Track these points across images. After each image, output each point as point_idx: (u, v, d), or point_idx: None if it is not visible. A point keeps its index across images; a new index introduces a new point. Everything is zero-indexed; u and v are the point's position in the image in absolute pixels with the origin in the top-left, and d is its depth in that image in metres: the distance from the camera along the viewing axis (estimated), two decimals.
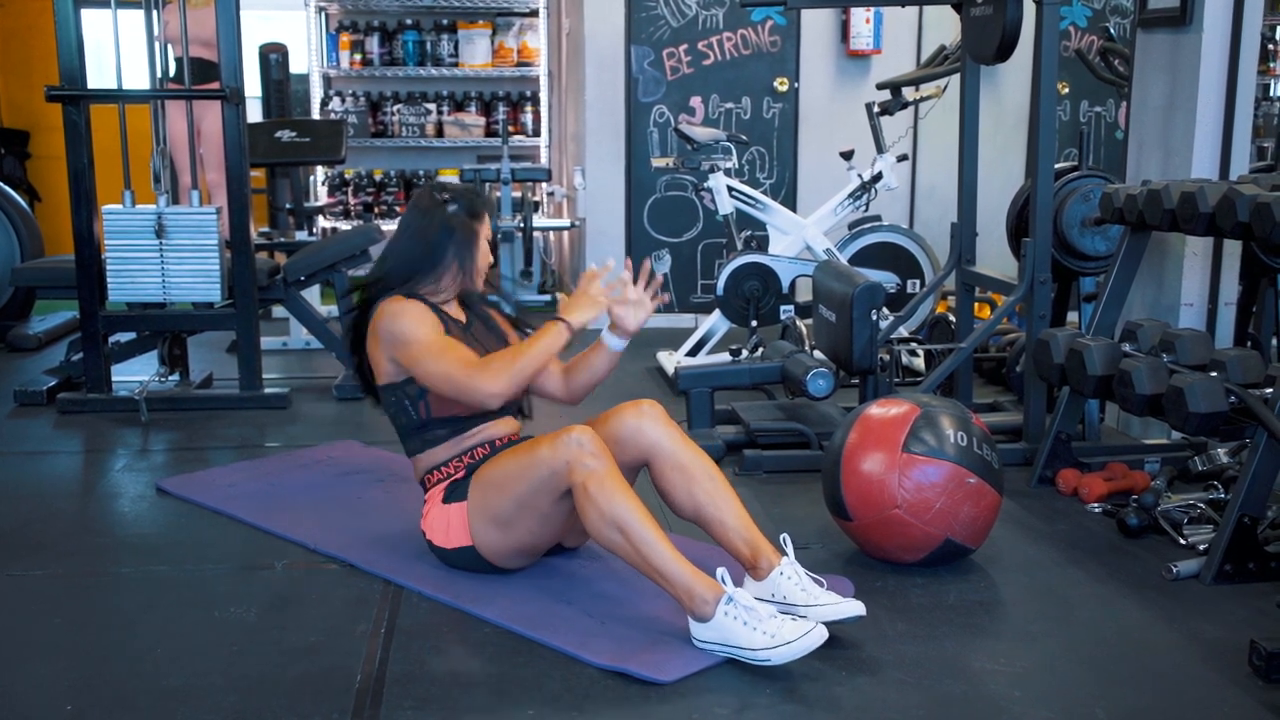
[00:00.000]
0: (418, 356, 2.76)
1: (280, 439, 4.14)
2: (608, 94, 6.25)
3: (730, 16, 6.22)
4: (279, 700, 2.27)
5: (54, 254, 5.94)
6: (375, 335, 2.84)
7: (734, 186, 5.17)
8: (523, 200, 6.21)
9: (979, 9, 3.88)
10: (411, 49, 7.74)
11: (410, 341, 2.77)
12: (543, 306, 6.79)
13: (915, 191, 6.58)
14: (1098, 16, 6.45)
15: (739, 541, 2.65)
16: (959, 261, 4.27)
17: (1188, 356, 3.10)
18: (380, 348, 2.83)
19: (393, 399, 2.87)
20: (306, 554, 3.04)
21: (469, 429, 2.86)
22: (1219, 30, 3.67)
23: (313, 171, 7.56)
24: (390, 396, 2.87)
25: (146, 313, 4.59)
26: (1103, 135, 6.59)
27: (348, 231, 5.37)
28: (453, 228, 2.88)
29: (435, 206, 2.90)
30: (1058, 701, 2.29)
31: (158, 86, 4.62)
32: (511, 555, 2.79)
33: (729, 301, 5.04)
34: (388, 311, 2.82)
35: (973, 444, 2.87)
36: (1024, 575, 2.94)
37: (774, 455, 3.79)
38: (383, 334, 2.81)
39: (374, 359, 2.88)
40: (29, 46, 8.45)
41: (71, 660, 2.47)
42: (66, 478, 3.88)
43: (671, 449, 2.73)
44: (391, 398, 2.87)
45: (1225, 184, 3.18)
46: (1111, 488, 3.45)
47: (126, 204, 4.47)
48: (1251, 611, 2.68)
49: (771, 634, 2.35)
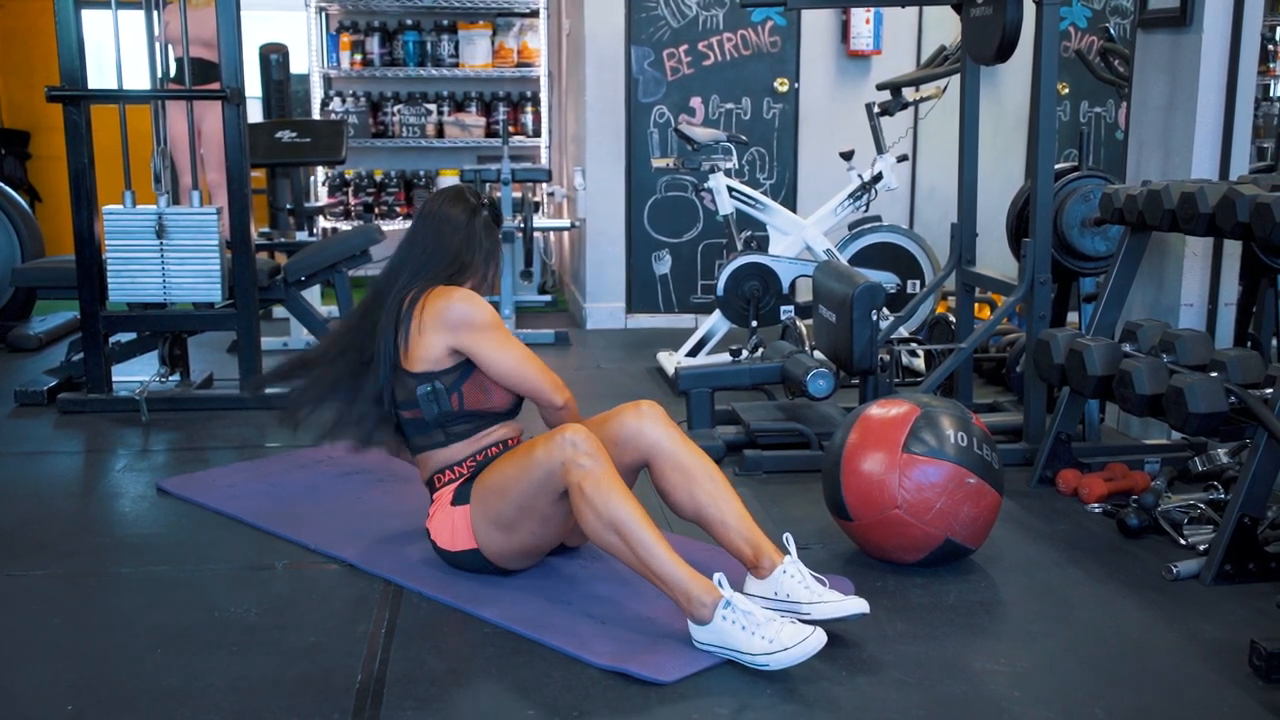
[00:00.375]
0: (495, 340, 2.79)
1: (280, 439, 4.14)
2: (608, 94, 6.25)
3: (730, 17, 6.22)
4: (279, 700, 2.27)
5: (54, 254, 5.95)
6: (437, 318, 2.78)
7: (734, 187, 5.17)
8: (523, 201, 6.20)
9: (979, 9, 3.88)
10: (412, 49, 7.75)
11: (487, 326, 2.79)
12: (542, 307, 6.80)
13: (915, 192, 6.58)
14: (1098, 17, 6.46)
15: (741, 541, 2.65)
16: (959, 262, 4.27)
17: (1188, 357, 3.10)
18: (438, 331, 2.77)
19: (426, 388, 2.79)
20: (307, 554, 3.04)
21: (488, 427, 2.87)
22: (1219, 31, 3.67)
23: (313, 172, 7.57)
24: (422, 385, 2.80)
25: (147, 313, 4.59)
26: (1102, 135, 6.59)
27: (348, 232, 5.37)
28: (485, 233, 2.93)
29: (473, 209, 2.92)
30: (1057, 701, 2.29)
31: (158, 87, 4.62)
32: (516, 557, 2.79)
33: (729, 302, 5.04)
34: (460, 296, 2.80)
35: (973, 444, 2.87)
36: (1024, 575, 2.94)
37: (774, 455, 3.79)
38: (450, 316, 2.77)
39: (420, 344, 2.79)
40: (29, 47, 8.45)
41: (72, 660, 2.47)
42: (67, 478, 3.88)
43: (672, 450, 2.72)
44: (425, 387, 2.79)
45: (1225, 184, 3.18)
46: (1111, 488, 3.45)
47: (127, 204, 4.47)
48: (1251, 612, 2.68)
49: (770, 639, 2.35)
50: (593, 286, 6.41)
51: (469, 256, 2.90)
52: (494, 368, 2.81)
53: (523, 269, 6.18)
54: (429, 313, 2.79)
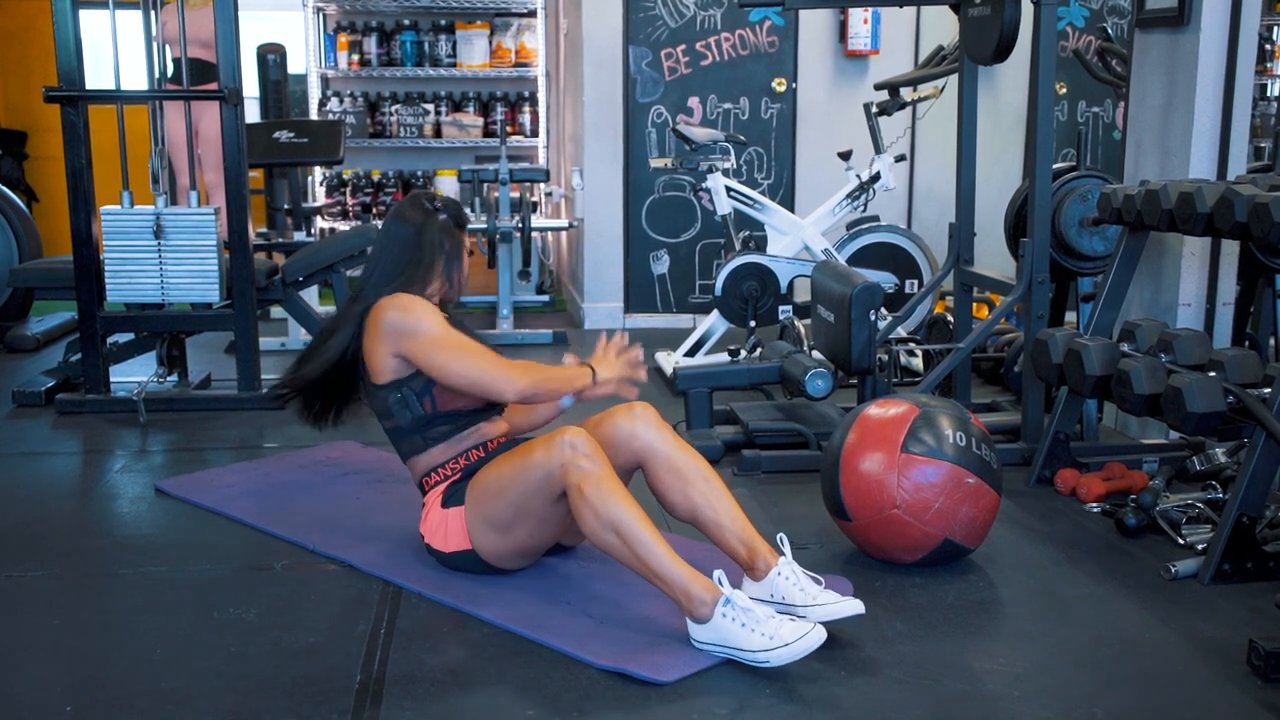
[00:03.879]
0: (432, 347, 2.76)
1: (279, 440, 4.14)
2: (606, 94, 6.25)
3: (728, 17, 6.22)
4: (278, 701, 2.27)
5: (52, 255, 5.95)
6: (377, 330, 2.80)
7: (732, 187, 5.18)
8: (521, 200, 6.21)
9: (977, 9, 3.89)
10: (409, 49, 7.75)
11: (424, 333, 2.77)
12: (540, 307, 6.80)
13: (913, 192, 6.59)
14: (1095, 17, 6.46)
15: (736, 542, 2.65)
16: (957, 261, 4.27)
17: (1186, 356, 3.11)
18: (383, 342, 2.80)
19: (396, 396, 2.83)
20: (305, 555, 3.04)
21: (468, 427, 2.87)
22: (1216, 30, 3.67)
23: (311, 172, 7.57)
24: (393, 395, 2.84)
25: (145, 313, 4.59)
26: (1100, 135, 6.59)
27: (346, 232, 5.37)
28: (444, 236, 2.92)
29: (428, 214, 2.91)
30: (1056, 701, 2.29)
31: (156, 87, 4.61)
32: (511, 557, 2.79)
33: (727, 302, 5.04)
34: (394, 305, 2.81)
35: (971, 444, 2.88)
36: (1022, 575, 2.94)
37: (772, 455, 3.79)
38: (388, 327, 2.78)
39: (374, 357, 2.83)
40: (27, 47, 8.45)
41: (70, 661, 2.47)
42: (65, 479, 3.88)
43: (666, 451, 2.73)
44: (395, 395, 2.83)
45: (1223, 184, 3.18)
46: (1110, 487, 3.46)
47: (125, 205, 4.46)
48: (1250, 611, 2.69)
49: (770, 635, 2.35)
50: (591, 286, 6.41)
51: (430, 260, 2.90)
52: (435, 374, 2.78)
53: (520, 269, 6.18)
54: (375, 325, 2.82)
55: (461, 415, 2.86)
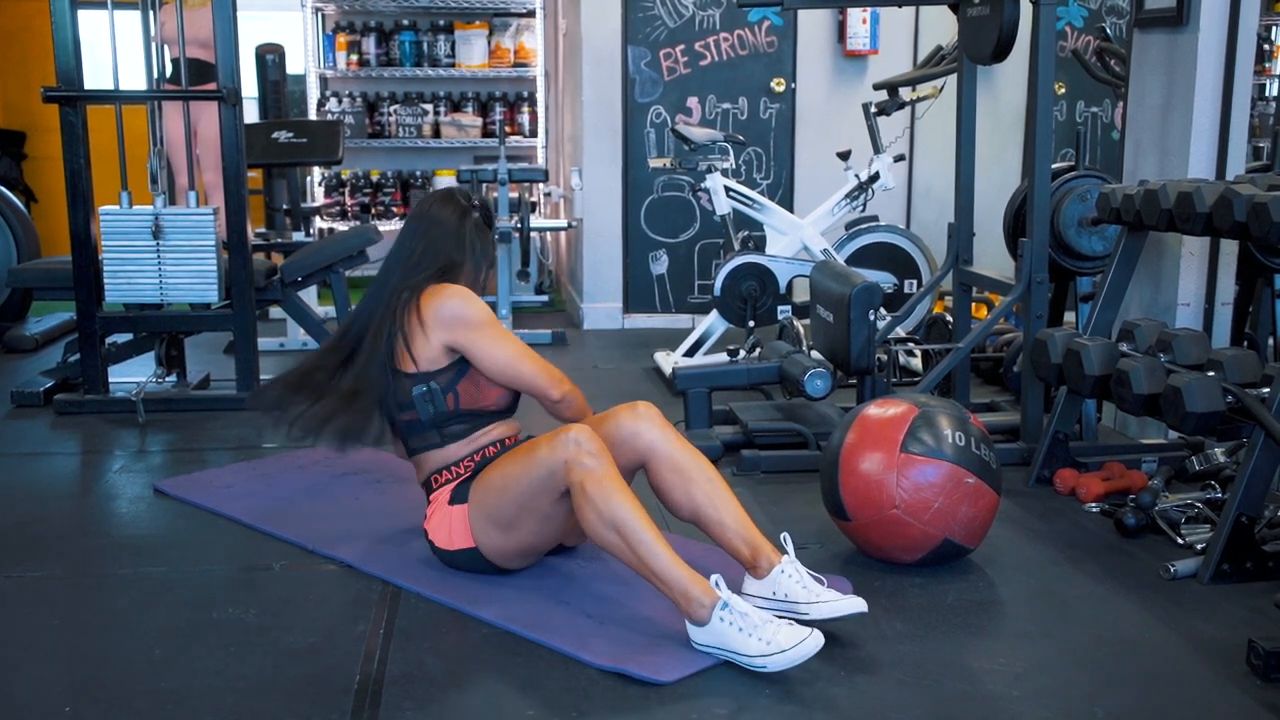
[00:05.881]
0: (490, 336, 2.79)
1: (278, 440, 4.14)
2: (604, 94, 6.25)
3: (727, 17, 6.22)
4: (278, 701, 2.27)
5: (51, 255, 5.95)
6: (433, 316, 2.78)
7: (731, 187, 5.18)
8: (520, 200, 6.21)
9: (976, 9, 3.89)
10: (408, 50, 7.75)
11: (484, 323, 2.79)
12: (539, 307, 6.80)
13: (912, 192, 6.59)
14: (1094, 16, 6.46)
15: (738, 541, 2.65)
16: (956, 261, 4.27)
17: (1185, 356, 3.11)
18: (437, 329, 2.77)
19: (422, 389, 2.80)
20: (305, 555, 3.04)
21: (485, 425, 2.87)
22: (1215, 30, 3.67)
23: (310, 172, 7.57)
24: (418, 386, 2.80)
25: (144, 314, 4.59)
26: (1099, 135, 6.60)
27: (345, 232, 5.36)
28: (476, 235, 2.93)
29: (463, 211, 2.92)
30: (1056, 701, 2.29)
31: (154, 87, 4.61)
32: (514, 556, 2.79)
33: (726, 302, 5.04)
34: (453, 293, 2.80)
35: (970, 444, 2.88)
36: (1022, 575, 2.94)
37: (772, 455, 3.79)
38: (447, 314, 2.77)
39: (417, 343, 2.79)
40: (25, 47, 8.44)
41: (69, 661, 2.47)
42: (64, 479, 3.88)
43: (668, 451, 2.72)
44: (421, 388, 2.80)
45: (1222, 184, 3.18)
46: (1109, 487, 3.46)
47: (123, 205, 4.46)
48: (1249, 611, 2.69)
49: (768, 641, 2.34)
50: (590, 286, 6.42)
51: (460, 258, 2.90)
52: (490, 364, 2.80)
53: (519, 269, 6.18)
54: (425, 312, 2.79)
55: (481, 415, 2.86)
